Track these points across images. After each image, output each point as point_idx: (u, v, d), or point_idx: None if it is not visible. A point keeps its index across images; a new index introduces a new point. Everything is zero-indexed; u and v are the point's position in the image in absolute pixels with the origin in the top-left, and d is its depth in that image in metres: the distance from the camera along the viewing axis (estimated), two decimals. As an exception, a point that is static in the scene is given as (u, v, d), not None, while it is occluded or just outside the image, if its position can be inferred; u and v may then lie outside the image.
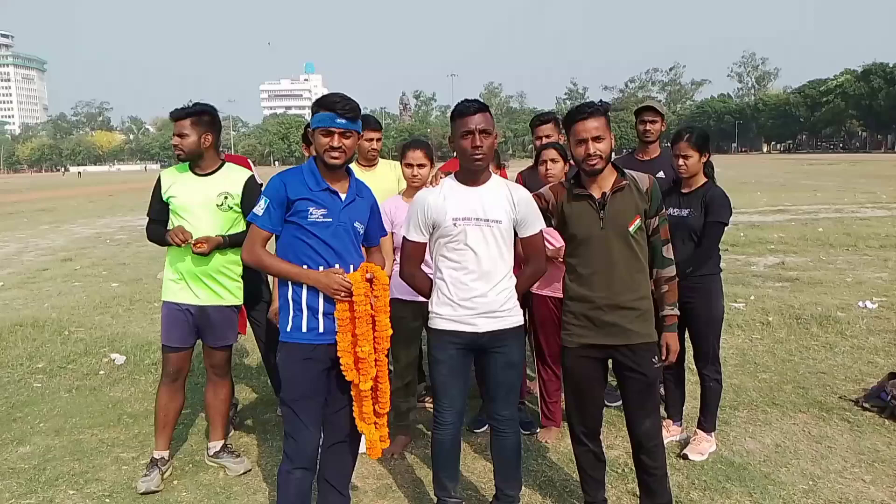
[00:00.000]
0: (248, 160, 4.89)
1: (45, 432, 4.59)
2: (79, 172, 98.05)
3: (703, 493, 3.55)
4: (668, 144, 4.11)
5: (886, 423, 4.32)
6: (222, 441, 4.02)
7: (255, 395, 5.22)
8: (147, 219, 3.89)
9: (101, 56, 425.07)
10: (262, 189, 3.02)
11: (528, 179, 4.38)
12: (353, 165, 4.73)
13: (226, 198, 3.75)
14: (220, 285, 3.78)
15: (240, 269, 3.85)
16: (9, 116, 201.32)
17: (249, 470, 3.91)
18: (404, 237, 3.18)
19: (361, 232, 3.06)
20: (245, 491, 3.72)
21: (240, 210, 3.79)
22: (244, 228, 3.79)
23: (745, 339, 6.21)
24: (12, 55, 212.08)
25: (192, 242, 3.60)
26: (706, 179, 3.92)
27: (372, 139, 4.63)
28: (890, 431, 4.21)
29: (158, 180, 3.83)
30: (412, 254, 3.18)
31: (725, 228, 3.91)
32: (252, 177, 3.88)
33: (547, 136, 4.58)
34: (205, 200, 3.72)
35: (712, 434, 4.04)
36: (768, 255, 10.49)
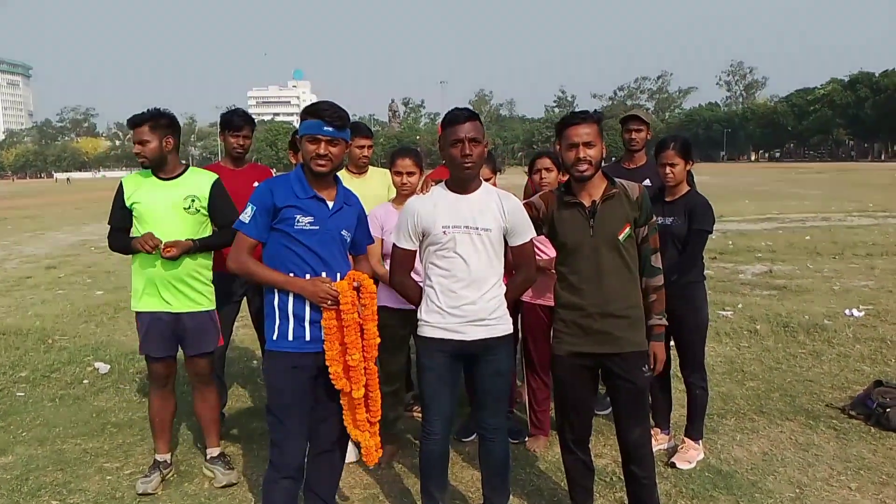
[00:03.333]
0: (271, 170, 4.89)
1: (27, 442, 4.53)
2: (67, 179, 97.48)
3: (690, 502, 3.55)
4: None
5: (872, 430, 4.33)
6: (219, 448, 4.01)
7: (241, 405, 5.18)
8: (108, 227, 3.83)
9: (87, 62, 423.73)
10: (252, 195, 2.99)
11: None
12: (343, 172, 4.74)
13: (193, 201, 3.71)
14: (193, 290, 3.73)
15: (210, 274, 3.81)
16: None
17: (234, 483, 3.86)
18: (394, 245, 3.17)
19: (348, 240, 3.05)
20: (230, 501, 3.69)
21: (207, 214, 3.76)
22: (211, 232, 3.79)
23: (733, 347, 6.23)
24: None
25: (162, 247, 3.55)
26: (689, 188, 3.94)
27: (363, 146, 4.62)
28: (876, 439, 4.23)
29: (120, 187, 3.76)
30: (402, 261, 3.17)
31: (710, 236, 3.93)
32: (218, 180, 3.83)
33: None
34: (171, 205, 3.67)
35: (700, 442, 4.04)
36: (756, 264, 10.54)
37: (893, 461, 3.93)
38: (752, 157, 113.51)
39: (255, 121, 4.79)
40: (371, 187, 4.65)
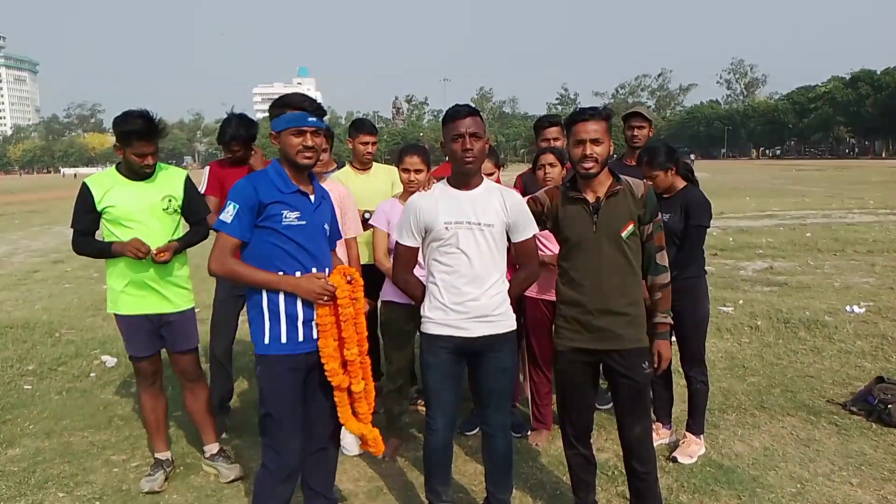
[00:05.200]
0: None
1: (35, 435, 4.56)
2: (74, 174, 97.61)
3: (692, 496, 3.58)
4: None
5: (873, 426, 4.36)
6: (217, 444, 4.01)
7: (246, 398, 5.20)
8: (73, 231, 3.65)
9: (94, 58, 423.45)
10: (230, 193, 2.82)
11: (529, 182, 4.40)
12: (347, 169, 4.77)
13: (170, 200, 3.66)
14: (178, 287, 3.72)
15: (188, 271, 3.80)
16: (0, 118, 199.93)
17: (242, 477, 3.87)
18: (397, 242, 3.19)
19: (328, 233, 3.02)
20: (236, 494, 3.72)
21: (181, 212, 3.73)
22: (185, 231, 3.75)
23: (734, 343, 6.26)
24: (4, 56, 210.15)
25: (154, 253, 3.50)
26: (685, 183, 3.95)
27: (367, 143, 4.66)
28: (877, 435, 4.25)
29: (86, 190, 3.57)
30: (405, 258, 3.18)
31: (707, 230, 3.96)
32: (189, 176, 3.81)
33: (554, 139, 4.56)
34: (150, 206, 3.60)
35: (701, 436, 4.07)
36: (757, 260, 10.57)
37: (895, 457, 3.95)
38: (753, 155, 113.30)
39: (256, 123, 4.59)
40: (375, 184, 4.68)
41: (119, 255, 3.54)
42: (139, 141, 3.51)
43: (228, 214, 2.75)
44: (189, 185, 3.77)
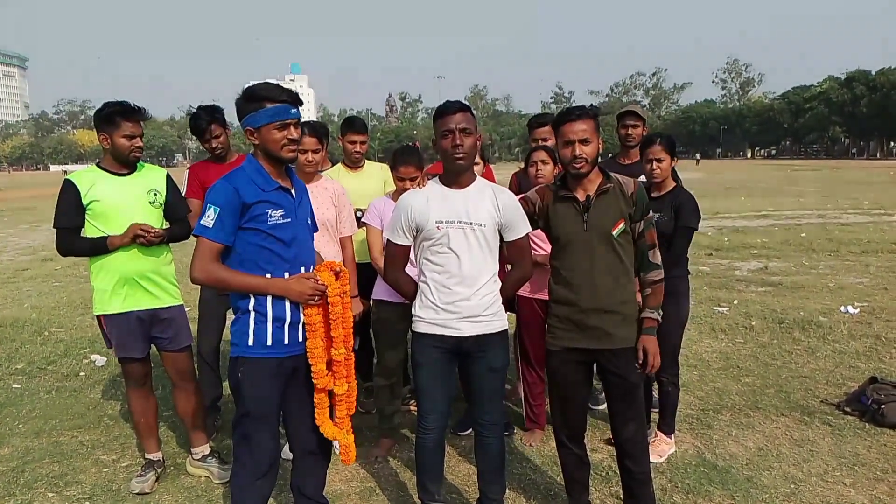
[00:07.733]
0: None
1: (24, 434, 4.53)
2: (63, 171, 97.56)
3: (685, 497, 3.57)
4: None
5: (867, 427, 4.35)
6: (208, 445, 3.97)
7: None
8: (56, 230, 3.57)
9: (84, 54, 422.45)
10: (208, 196, 2.68)
11: (524, 181, 4.38)
12: (339, 166, 4.74)
13: (155, 195, 3.65)
14: (169, 282, 3.69)
15: (174, 268, 3.76)
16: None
17: None
18: (388, 240, 3.16)
19: (311, 228, 2.96)
20: (227, 494, 3.68)
21: (163, 208, 3.71)
22: (168, 225, 3.72)
23: (729, 343, 6.25)
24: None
25: (154, 232, 3.49)
26: (674, 184, 3.94)
27: (355, 142, 4.63)
28: (870, 435, 4.25)
29: (72, 185, 3.50)
30: (396, 257, 3.15)
31: (696, 231, 3.94)
32: (169, 174, 3.80)
33: (544, 139, 4.56)
34: (137, 199, 3.57)
35: (671, 436, 4.08)
36: (752, 260, 10.58)
37: (888, 457, 3.95)
38: (749, 155, 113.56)
39: (223, 110, 4.48)
40: (367, 182, 4.66)
41: (116, 249, 3.49)
42: (125, 121, 3.50)
43: (209, 219, 2.61)
44: (171, 182, 3.76)
